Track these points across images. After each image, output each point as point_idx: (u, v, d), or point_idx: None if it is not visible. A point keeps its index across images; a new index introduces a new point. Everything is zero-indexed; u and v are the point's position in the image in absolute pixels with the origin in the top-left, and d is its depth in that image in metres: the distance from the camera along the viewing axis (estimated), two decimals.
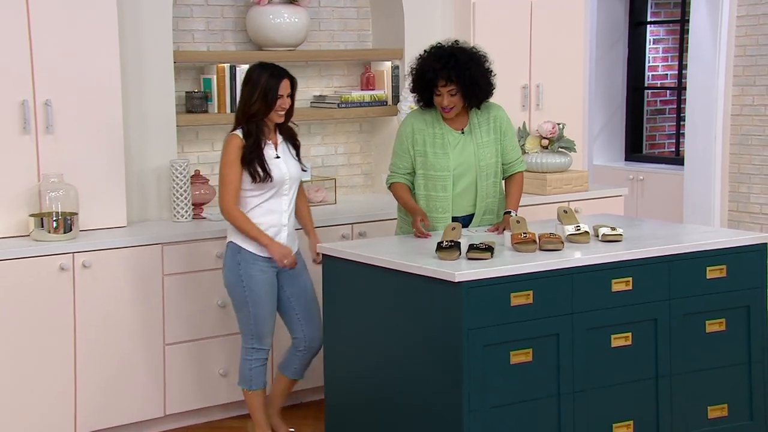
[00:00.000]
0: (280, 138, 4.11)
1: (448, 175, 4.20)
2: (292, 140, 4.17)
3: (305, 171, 4.27)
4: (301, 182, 4.24)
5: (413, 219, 4.11)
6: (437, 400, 3.55)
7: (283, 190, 4.07)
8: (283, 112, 4.06)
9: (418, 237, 4.05)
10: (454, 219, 4.20)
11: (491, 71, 4.22)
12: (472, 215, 4.25)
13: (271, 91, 3.99)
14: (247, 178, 4.00)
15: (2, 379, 4.10)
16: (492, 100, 4.29)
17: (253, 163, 3.98)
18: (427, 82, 4.15)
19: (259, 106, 4.01)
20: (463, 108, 4.21)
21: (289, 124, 4.16)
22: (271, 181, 4.01)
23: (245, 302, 4.07)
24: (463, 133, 4.23)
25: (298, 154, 4.17)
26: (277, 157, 4.06)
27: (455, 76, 4.09)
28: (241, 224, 4.01)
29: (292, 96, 4.08)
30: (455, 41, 4.23)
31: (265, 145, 4.03)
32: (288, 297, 4.16)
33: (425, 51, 4.23)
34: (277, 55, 4.99)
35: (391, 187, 4.29)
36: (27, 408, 4.16)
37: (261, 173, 3.98)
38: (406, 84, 5.23)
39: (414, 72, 4.22)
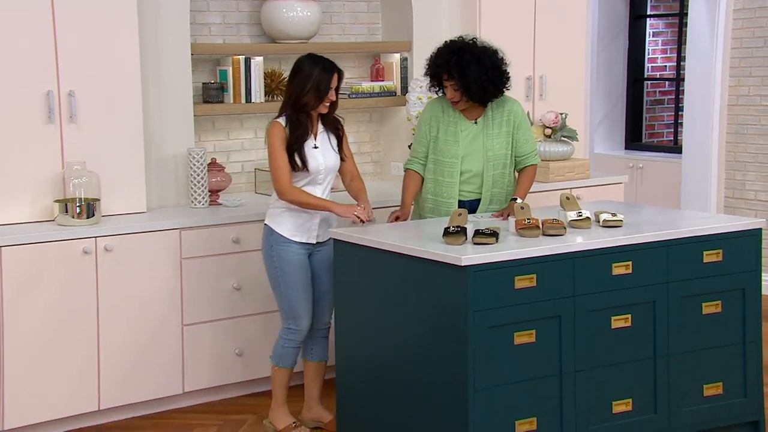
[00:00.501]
0: (321, 128, 4.09)
1: (456, 162, 4.22)
2: (335, 131, 4.13)
3: (344, 161, 4.17)
4: (356, 167, 4.22)
5: (396, 210, 4.23)
6: (444, 379, 3.57)
7: (318, 179, 4.06)
8: (328, 104, 4.04)
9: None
10: (461, 203, 4.22)
11: (502, 73, 4.18)
12: (479, 200, 4.27)
13: (323, 84, 3.97)
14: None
15: (30, 358, 4.14)
16: None
17: (293, 152, 3.98)
18: (435, 75, 4.20)
19: (309, 98, 3.99)
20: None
21: (335, 115, 4.13)
22: (306, 170, 4.01)
23: (278, 283, 4.08)
24: (476, 123, 4.25)
25: (339, 145, 4.13)
26: (315, 147, 4.05)
27: (456, 74, 4.11)
28: (301, 199, 3.99)
29: (337, 88, 4.06)
30: (473, 39, 4.23)
31: (307, 135, 4.04)
32: (315, 279, 4.15)
33: (443, 43, 4.25)
34: (290, 48, 5.01)
35: (405, 171, 4.36)
36: (54, 384, 4.20)
37: (299, 163, 3.98)
38: (414, 75, 5.27)
39: (427, 62, 4.26)
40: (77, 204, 4.28)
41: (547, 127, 5.48)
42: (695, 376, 3.96)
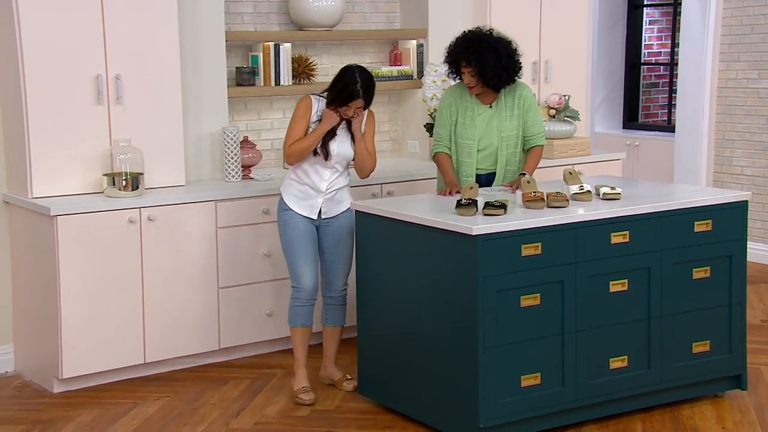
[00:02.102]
0: (344, 123, 4.02)
1: (473, 143, 4.21)
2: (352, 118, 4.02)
3: (351, 148, 4.05)
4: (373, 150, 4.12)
5: (447, 186, 4.16)
6: (456, 339, 3.58)
7: (329, 164, 4.02)
8: (350, 115, 3.98)
9: (440, 195, 4.07)
10: (478, 176, 4.23)
11: (515, 62, 4.17)
12: (494, 173, 4.26)
13: (344, 97, 3.92)
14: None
15: (83, 315, 4.17)
16: None
17: (324, 145, 3.96)
18: (453, 62, 4.18)
19: (333, 97, 3.96)
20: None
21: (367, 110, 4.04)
22: (329, 159, 3.99)
23: (283, 246, 4.09)
24: (490, 107, 4.23)
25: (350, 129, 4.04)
26: (334, 135, 4.02)
27: (474, 61, 4.09)
28: (301, 147, 3.94)
29: (368, 100, 3.96)
30: (490, 29, 4.21)
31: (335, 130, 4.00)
32: (323, 249, 4.13)
33: (462, 33, 4.23)
34: (316, 35, 4.98)
35: (435, 156, 4.30)
36: (104, 339, 4.24)
37: (319, 151, 3.98)
38: (429, 60, 5.23)
39: (446, 50, 4.25)
40: (123, 177, 4.29)
41: (552, 108, 5.44)
42: (685, 335, 3.95)
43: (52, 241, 4.09)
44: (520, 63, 4.22)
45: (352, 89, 3.93)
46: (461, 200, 3.68)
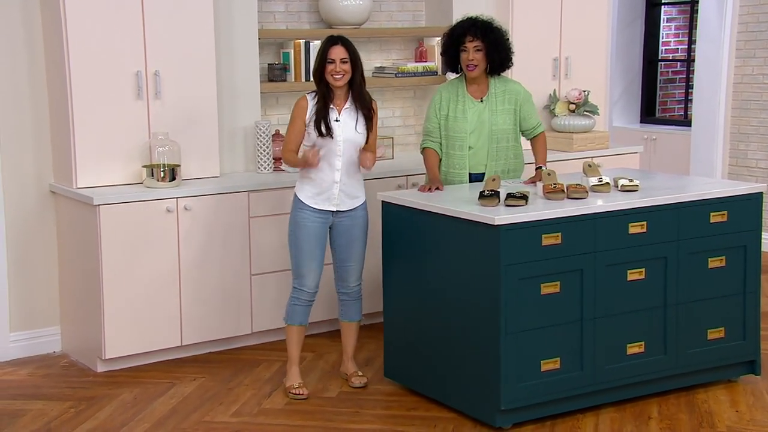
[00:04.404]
0: (348, 104, 3.88)
1: (465, 136, 4.15)
2: (365, 110, 3.87)
3: (359, 133, 3.88)
4: (374, 150, 3.94)
5: (429, 183, 4.07)
6: (479, 325, 3.58)
7: (337, 150, 3.84)
8: (339, 77, 3.79)
9: (420, 191, 3.96)
10: (469, 174, 4.16)
11: (510, 46, 4.16)
12: (484, 174, 4.17)
13: (321, 55, 3.79)
14: (311, 134, 3.84)
15: (124, 299, 4.21)
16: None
17: (318, 121, 3.81)
18: (456, 38, 4.09)
19: (315, 69, 3.84)
20: (483, 77, 4.14)
21: (367, 95, 3.89)
22: (332, 138, 3.81)
23: (290, 243, 3.93)
24: (481, 101, 4.18)
25: (367, 123, 3.88)
26: (337, 121, 3.85)
27: (480, 34, 4.05)
28: (291, 160, 3.86)
29: (354, 64, 3.82)
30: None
31: (329, 108, 3.84)
32: (333, 247, 3.98)
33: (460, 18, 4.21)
34: (344, 33, 4.97)
35: (423, 151, 4.22)
36: (143, 322, 4.28)
37: (323, 130, 3.80)
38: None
39: (446, 33, 4.18)
40: (161, 169, 4.32)
41: (572, 103, 5.42)
42: (700, 322, 3.93)
43: (95, 229, 4.14)
44: (513, 52, 4.19)
45: (327, 39, 3.81)
46: (484, 191, 3.68)
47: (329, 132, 3.81)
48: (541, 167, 4.10)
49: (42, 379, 4.22)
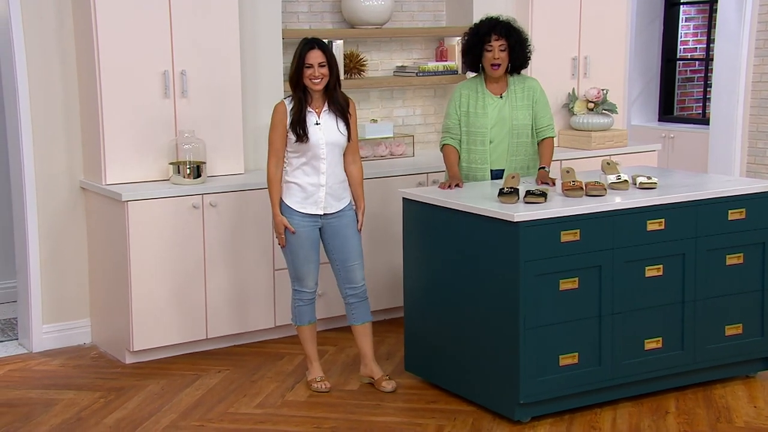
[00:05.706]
0: (326, 107, 3.78)
1: (486, 131, 4.13)
2: (341, 112, 3.79)
3: (349, 142, 3.82)
4: (357, 150, 3.87)
5: (449, 180, 4.03)
6: (498, 320, 3.58)
7: (320, 154, 3.75)
8: (317, 81, 3.70)
9: (440, 188, 3.94)
10: (490, 171, 4.14)
11: (530, 46, 4.18)
12: (503, 170, 4.16)
13: (298, 59, 3.70)
14: (291, 138, 3.75)
15: (151, 293, 4.24)
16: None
17: (294, 125, 3.72)
18: (481, 37, 4.07)
19: (291, 73, 3.75)
20: (503, 75, 4.14)
21: (343, 96, 3.79)
22: (307, 141, 3.71)
23: (283, 249, 3.88)
24: (501, 97, 4.16)
25: (347, 125, 3.79)
26: (317, 124, 3.75)
27: (505, 34, 4.05)
28: (269, 186, 3.80)
29: (331, 67, 3.72)
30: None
31: (307, 112, 3.74)
32: (330, 250, 3.91)
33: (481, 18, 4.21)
34: (367, 32, 4.99)
35: (443, 148, 4.20)
36: (170, 315, 4.30)
37: (300, 133, 3.70)
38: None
39: (469, 31, 4.15)
40: (187, 166, 4.35)
41: (591, 102, 5.39)
42: (718, 318, 3.90)
43: (124, 225, 4.18)
44: (531, 51, 4.21)
45: (304, 43, 3.72)
46: (504, 189, 3.67)
47: (306, 136, 3.72)
48: (544, 167, 4.07)
49: (73, 369, 4.27)
